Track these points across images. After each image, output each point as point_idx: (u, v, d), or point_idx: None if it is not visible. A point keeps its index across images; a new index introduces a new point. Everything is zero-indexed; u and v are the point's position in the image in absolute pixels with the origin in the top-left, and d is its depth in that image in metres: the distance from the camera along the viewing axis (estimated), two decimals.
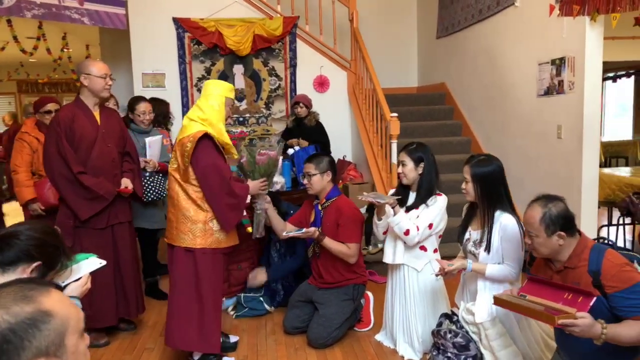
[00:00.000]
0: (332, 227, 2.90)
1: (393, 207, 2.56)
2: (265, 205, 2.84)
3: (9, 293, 0.88)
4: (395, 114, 4.40)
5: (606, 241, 2.21)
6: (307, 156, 4.47)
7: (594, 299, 1.72)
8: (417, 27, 7.17)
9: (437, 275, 2.49)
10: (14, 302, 0.86)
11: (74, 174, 2.80)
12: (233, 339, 2.99)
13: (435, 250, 2.73)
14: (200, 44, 5.52)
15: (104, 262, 1.68)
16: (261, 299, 3.42)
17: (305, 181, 2.98)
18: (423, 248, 2.68)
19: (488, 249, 2.31)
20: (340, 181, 5.27)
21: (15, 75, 10.91)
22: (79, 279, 1.60)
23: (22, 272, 1.46)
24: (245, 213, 2.71)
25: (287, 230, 2.94)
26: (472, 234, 2.43)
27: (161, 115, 4.03)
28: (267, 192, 2.83)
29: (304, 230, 2.82)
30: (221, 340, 2.84)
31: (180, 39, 5.50)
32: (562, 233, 1.87)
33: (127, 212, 3.13)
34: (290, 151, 4.50)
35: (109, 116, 3.09)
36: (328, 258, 2.94)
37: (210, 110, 2.59)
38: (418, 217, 2.61)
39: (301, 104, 4.71)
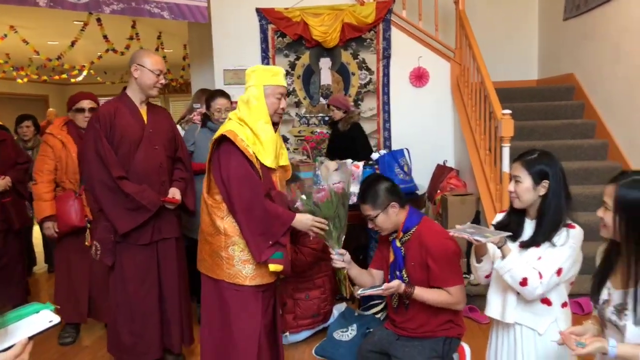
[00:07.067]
0: (419, 268, 2.15)
1: (500, 247, 1.79)
2: (338, 264, 2.15)
3: None
4: (508, 111, 3.53)
5: None
6: (393, 160, 3.78)
7: None
8: (538, 7, 6.07)
9: (558, 344, 1.68)
10: None
11: (113, 179, 2.40)
12: None
13: (564, 304, 1.89)
14: (285, 36, 5.03)
15: (56, 320, 1.15)
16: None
17: (370, 226, 2.25)
18: (546, 301, 1.86)
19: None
20: (439, 191, 4.48)
21: None
22: (9, 347, 1.08)
23: None
24: (283, 245, 2.04)
25: (361, 289, 2.14)
26: (613, 294, 1.57)
27: None
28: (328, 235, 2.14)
29: (384, 286, 2.10)
30: None
31: (263, 32, 5.07)
32: None
33: (174, 227, 2.69)
34: (375, 155, 3.81)
35: (158, 115, 2.68)
36: (419, 303, 2.22)
37: (243, 106, 2.03)
38: (540, 258, 1.81)
39: (331, 107, 4.22)
